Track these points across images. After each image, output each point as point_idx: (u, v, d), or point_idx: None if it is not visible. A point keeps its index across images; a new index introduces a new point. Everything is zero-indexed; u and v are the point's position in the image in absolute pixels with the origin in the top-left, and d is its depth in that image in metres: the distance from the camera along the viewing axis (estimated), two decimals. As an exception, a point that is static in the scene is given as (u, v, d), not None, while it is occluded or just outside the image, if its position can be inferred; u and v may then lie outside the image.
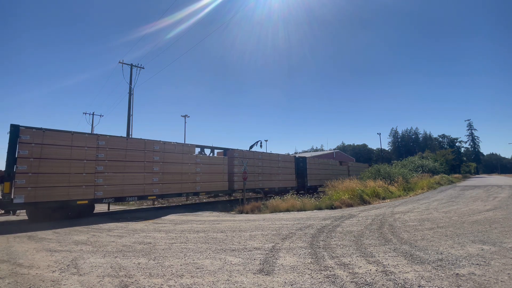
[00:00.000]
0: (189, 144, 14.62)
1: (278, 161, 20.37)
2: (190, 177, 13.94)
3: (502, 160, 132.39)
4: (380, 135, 58.03)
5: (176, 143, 13.73)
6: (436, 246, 5.17)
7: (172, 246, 5.63)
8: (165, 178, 12.83)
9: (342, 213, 9.82)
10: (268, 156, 19.69)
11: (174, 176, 13.26)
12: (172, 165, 13.25)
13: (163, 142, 13.11)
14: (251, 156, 17.98)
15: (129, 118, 21.61)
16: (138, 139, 12.40)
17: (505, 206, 10.48)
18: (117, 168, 11.27)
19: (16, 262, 4.67)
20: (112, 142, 11.35)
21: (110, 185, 10.94)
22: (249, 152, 17.88)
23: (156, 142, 12.89)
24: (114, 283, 3.63)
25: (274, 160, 20.04)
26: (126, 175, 11.51)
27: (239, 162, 16.22)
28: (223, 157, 16.24)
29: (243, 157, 17.01)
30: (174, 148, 13.58)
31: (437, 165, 38.00)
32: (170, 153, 13.30)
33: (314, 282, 3.55)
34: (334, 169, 27.95)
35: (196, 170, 14.26)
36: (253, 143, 22.22)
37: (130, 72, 22.93)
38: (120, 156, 11.47)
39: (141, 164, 12.09)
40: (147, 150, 12.41)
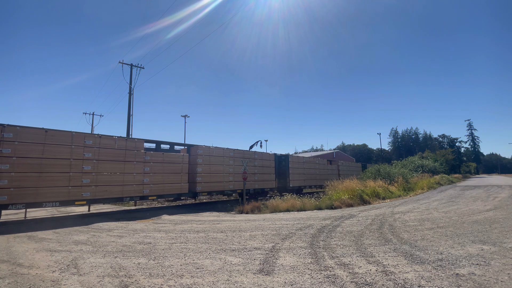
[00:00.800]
0: (136, 139, 12.38)
1: (255, 159, 18.09)
2: (135, 178, 11.81)
3: (502, 160, 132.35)
4: (380, 135, 58.11)
5: (117, 137, 11.68)
6: (436, 246, 5.17)
7: (172, 246, 5.63)
8: (99, 179, 10.70)
9: (342, 213, 9.82)
10: (242, 153, 17.49)
11: (113, 177, 11.15)
12: (110, 163, 11.14)
13: (98, 136, 11.05)
14: (220, 154, 15.82)
15: (129, 118, 21.62)
16: (62, 132, 10.17)
17: (505, 206, 10.48)
18: (30, 167, 9.16)
19: (16, 262, 4.67)
20: (24, 135, 9.20)
21: (19, 188, 8.87)
22: (217, 149, 15.84)
23: (88, 136, 10.88)
24: (114, 283, 3.63)
25: (249, 158, 17.77)
26: (43, 176, 9.38)
27: (206, 160, 14.62)
28: (182, 155, 14.10)
29: (210, 154, 15.11)
30: (114, 143, 11.43)
31: (437, 165, 37.99)
32: (108, 149, 11.16)
33: (314, 282, 3.55)
34: (321, 168, 25.72)
35: (144, 170, 12.17)
36: (253, 143, 22.25)
37: (130, 72, 22.94)
38: (36, 153, 9.35)
39: (66, 162, 9.95)
40: (75, 145, 10.24)
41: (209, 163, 14.82)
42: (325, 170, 25.96)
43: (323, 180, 24.30)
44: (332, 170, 27.34)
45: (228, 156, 16.34)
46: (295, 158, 22.08)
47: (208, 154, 14.93)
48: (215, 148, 15.62)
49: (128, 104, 21.99)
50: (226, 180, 15.89)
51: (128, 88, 22.48)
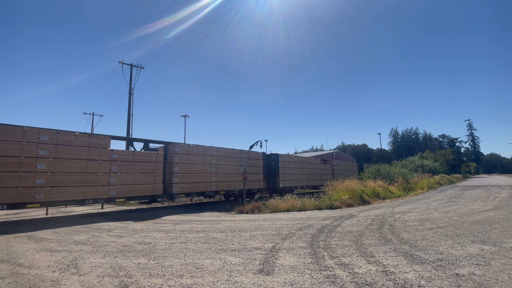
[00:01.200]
0: (101, 135, 11.28)
1: (241, 158, 16.96)
2: (100, 179, 10.72)
3: (502, 160, 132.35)
4: (380, 135, 58.09)
5: (79, 133, 10.62)
6: (436, 246, 5.17)
7: (172, 246, 5.64)
8: (56, 179, 9.63)
9: (342, 213, 9.82)
10: (227, 152, 16.46)
11: (73, 177, 10.04)
12: (70, 162, 10.00)
13: (55, 131, 9.85)
14: (200, 152, 14.80)
15: (129, 118, 21.62)
16: (11, 126, 9.19)
17: (505, 206, 10.49)
18: None
19: (16, 262, 4.67)
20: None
21: None
22: (198, 147, 14.73)
23: (44, 131, 9.72)
24: (114, 283, 3.63)
25: (235, 157, 16.81)
26: None
27: (184, 159, 13.71)
28: (156, 153, 13.06)
29: (189, 152, 14.07)
30: (75, 140, 10.30)
31: (437, 165, 38.00)
32: (67, 145, 10.06)
33: (314, 282, 3.55)
34: (314, 168, 24.55)
35: (111, 169, 11.11)
36: (253, 143, 22.24)
37: (130, 72, 22.95)
38: None
39: (16, 161, 9.01)
40: (27, 142, 9.26)
41: (188, 162, 13.90)
42: (318, 170, 25.09)
43: (317, 180, 24.14)
44: (326, 170, 26.50)
45: (211, 155, 15.29)
46: (285, 158, 21.16)
47: (186, 152, 13.98)
48: (195, 146, 14.63)
49: (128, 104, 22.00)
50: (208, 181, 14.85)
51: (128, 88, 22.50)
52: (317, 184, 24.28)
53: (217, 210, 12.35)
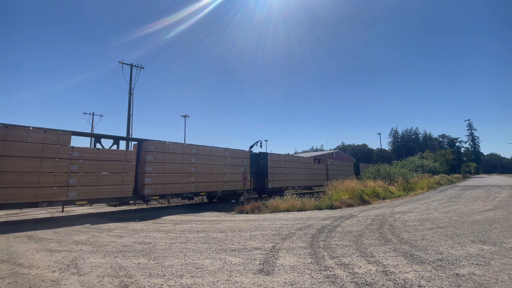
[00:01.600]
0: (59, 131, 10.05)
1: (225, 157, 15.91)
2: (57, 179, 9.64)
3: (502, 160, 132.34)
4: (380, 135, 58.05)
5: (33, 128, 9.46)
6: (436, 246, 5.17)
7: (172, 246, 5.64)
8: (2, 179, 8.62)
9: (342, 213, 9.82)
10: (208, 151, 15.13)
11: (23, 177, 8.98)
12: (19, 160, 8.95)
13: (3, 126, 8.83)
14: (178, 150, 13.56)
15: (129, 118, 21.61)
16: None
17: (505, 206, 10.48)
18: None
19: (16, 262, 4.67)
20: None
21: None
22: (175, 145, 13.52)
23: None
24: (114, 283, 3.63)
25: (218, 156, 15.54)
26: None
27: (159, 158, 12.59)
28: (125, 151, 11.88)
29: (164, 151, 12.90)
30: (27, 136, 9.23)
31: (437, 165, 37.98)
32: (17, 142, 8.99)
33: (314, 282, 3.55)
34: (307, 168, 23.40)
35: (71, 169, 10.00)
36: (253, 143, 22.22)
37: (130, 72, 22.93)
38: None
39: None
40: None
41: (164, 161, 12.77)
42: (311, 170, 24.07)
43: (310, 180, 23.41)
44: (320, 170, 25.48)
45: (190, 154, 14.06)
46: (275, 157, 20.12)
47: (161, 150, 12.79)
48: (172, 144, 13.35)
49: (128, 104, 21.99)
50: (186, 181, 13.62)
51: (128, 88, 22.48)
52: (311, 184, 23.63)
53: (217, 210, 12.35)
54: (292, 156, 23.00)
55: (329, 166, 27.16)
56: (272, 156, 19.68)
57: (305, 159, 24.34)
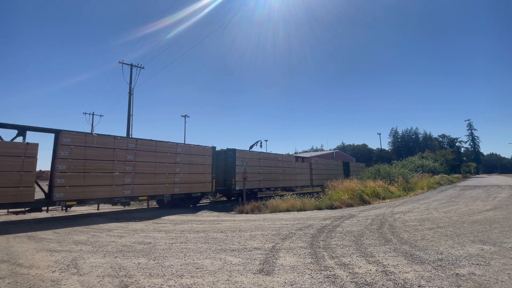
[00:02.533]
0: None
1: (177, 153, 13.15)
2: None
3: (502, 160, 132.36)
4: (380, 135, 58.06)
5: None
6: (436, 246, 5.17)
7: (172, 246, 5.64)
8: None
9: (342, 213, 9.82)
10: (153, 146, 12.40)
11: None
12: None
13: None
14: (107, 144, 10.97)
15: (129, 118, 21.62)
16: None
17: (505, 206, 10.48)
18: None
19: (16, 262, 4.67)
20: None
21: None
22: (102, 137, 10.99)
23: None
24: (114, 283, 3.63)
25: (166, 153, 12.78)
26: None
27: (78, 154, 10.04)
28: (25, 144, 9.06)
29: (85, 144, 10.31)
30: None
31: (437, 165, 38.01)
32: None
33: (314, 282, 3.55)
34: (286, 167, 20.91)
35: None
36: (253, 143, 22.20)
37: (130, 72, 22.94)
38: None
39: None
40: None
41: (85, 157, 10.19)
42: (291, 169, 21.55)
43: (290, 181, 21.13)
44: (302, 169, 22.91)
45: (125, 149, 11.48)
46: (246, 154, 17.61)
47: (82, 144, 10.22)
48: (98, 136, 10.88)
49: (128, 104, 22.00)
50: (119, 183, 11.02)
51: (128, 88, 22.49)
52: (291, 185, 21.21)
53: (217, 210, 12.36)
54: (267, 154, 20.33)
55: (314, 165, 24.50)
56: (242, 154, 17.17)
57: (284, 157, 21.61)
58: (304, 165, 23.70)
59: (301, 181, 22.53)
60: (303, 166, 23.41)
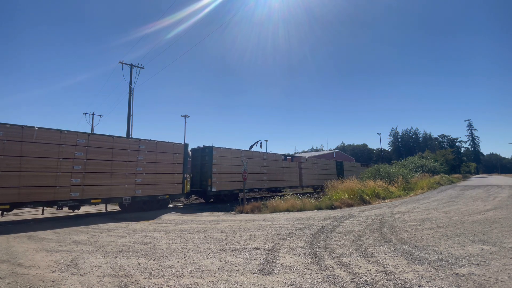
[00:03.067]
0: None
1: (139, 151, 11.75)
2: None
3: (502, 160, 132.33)
4: (380, 135, 57.97)
5: None
6: (436, 246, 5.17)
7: (172, 246, 5.63)
8: None
9: (342, 213, 9.82)
10: (110, 142, 11.04)
11: None
12: None
13: None
14: (52, 139, 9.60)
15: (129, 118, 21.61)
16: None
17: (505, 206, 10.48)
18: None
19: (16, 262, 4.66)
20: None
21: None
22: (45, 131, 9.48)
23: None
24: (114, 283, 3.63)
25: (127, 150, 11.36)
26: None
27: (10, 150, 8.70)
28: None
29: (23, 139, 8.93)
30: None
31: (437, 165, 38.00)
32: None
33: (314, 282, 3.55)
34: (272, 166, 19.22)
35: None
36: (253, 143, 22.18)
37: (130, 72, 22.93)
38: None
39: None
40: None
41: (21, 154, 8.90)
42: (278, 168, 19.88)
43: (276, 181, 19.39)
44: (290, 169, 21.10)
45: (73, 145, 10.01)
46: (225, 152, 15.80)
47: (18, 139, 8.88)
48: (39, 129, 9.36)
49: (128, 104, 21.99)
50: (65, 184, 9.66)
51: (128, 88, 22.48)
52: (277, 186, 19.48)
53: (217, 210, 12.35)
54: (251, 152, 18.45)
55: (304, 165, 22.76)
56: (220, 151, 15.52)
57: (270, 155, 19.66)
58: (293, 165, 21.94)
59: (289, 182, 20.90)
60: (291, 165, 21.65)
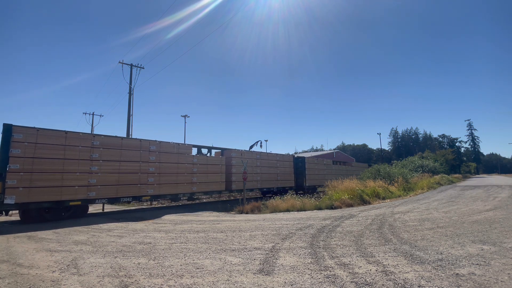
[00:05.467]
0: None
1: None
2: None
3: (502, 160, 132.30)
4: (380, 135, 58.03)
5: None
6: (436, 246, 5.17)
7: (172, 246, 5.63)
8: None
9: (342, 213, 9.82)
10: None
11: None
12: None
13: None
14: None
15: (129, 118, 21.61)
16: None
17: (505, 206, 10.48)
18: None
19: (16, 262, 4.66)
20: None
21: None
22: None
23: None
24: (114, 283, 3.63)
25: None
26: None
27: None
28: None
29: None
30: None
31: (437, 165, 37.96)
32: None
33: (314, 282, 3.55)
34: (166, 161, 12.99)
35: None
36: (253, 143, 22.20)
37: (130, 72, 22.93)
38: None
39: None
40: None
41: None
42: (186, 166, 13.73)
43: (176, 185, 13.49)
44: (208, 167, 14.73)
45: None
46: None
47: None
48: None
49: (128, 104, 21.99)
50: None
51: (128, 88, 22.48)
52: (177, 192, 13.49)
53: (217, 210, 12.35)
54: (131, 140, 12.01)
55: (235, 161, 16.11)
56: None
57: (163, 146, 12.62)
58: (215, 160, 14.89)
59: (205, 185, 14.20)
60: (211, 161, 14.43)
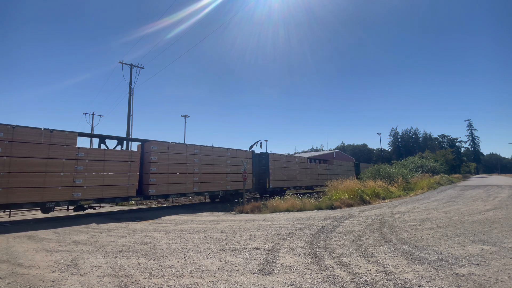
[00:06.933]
0: None
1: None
2: None
3: (502, 160, 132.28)
4: (380, 135, 58.06)
5: None
6: (436, 246, 5.17)
7: (172, 246, 5.63)
8: None
9: (342, 213, 9.82)
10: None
11: None
12: None
13: None
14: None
15: (129, 118, 21.61)
16: None
17: (505, 206, 10.48)
18: None
19: (16, 262, 4.66)
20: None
21: None
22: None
23: None
24: (114, 283, 3.63)
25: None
26: None
27: None
28: None
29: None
30: None
31: (437, 165, 37.95)
32: None
33: (314, 282, 3.55)
34: None
35: None
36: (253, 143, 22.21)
37: (130, 72, 22.94)
38: None
39: None
40: None
41: None
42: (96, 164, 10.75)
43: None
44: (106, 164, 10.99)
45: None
46: None
47: None
48: None
49: (128, 104, 21.99)
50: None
51: (128, 88, 22.49)
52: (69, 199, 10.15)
53: (217, 210, 12.35)
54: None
55: (155, 156, 12.36)
56: None
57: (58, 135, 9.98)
58: (121, 155, 11.33)
59: (99, 190, 10.68)
60: (112, 156, 11.13)
